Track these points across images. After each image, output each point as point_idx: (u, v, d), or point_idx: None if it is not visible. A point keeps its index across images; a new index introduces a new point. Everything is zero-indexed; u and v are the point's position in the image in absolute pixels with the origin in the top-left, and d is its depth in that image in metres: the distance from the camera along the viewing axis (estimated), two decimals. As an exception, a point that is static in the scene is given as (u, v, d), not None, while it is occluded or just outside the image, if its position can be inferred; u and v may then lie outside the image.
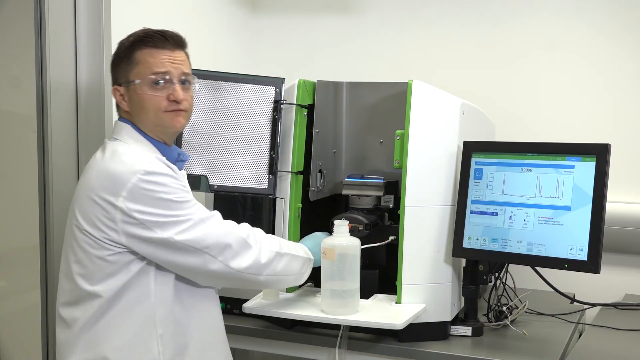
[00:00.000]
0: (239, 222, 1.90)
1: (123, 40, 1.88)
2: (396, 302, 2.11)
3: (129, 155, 1.77)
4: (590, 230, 1.96)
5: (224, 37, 3.04)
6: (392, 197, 2.26)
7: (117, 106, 1.91)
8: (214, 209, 2.06)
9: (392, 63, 3.03)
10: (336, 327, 2.13)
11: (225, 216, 1.87)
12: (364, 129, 2.40)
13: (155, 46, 1.83)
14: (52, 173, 2.29)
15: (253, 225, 1.93)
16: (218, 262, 1.79)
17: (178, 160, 1.91)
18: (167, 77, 1.82)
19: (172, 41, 1.85)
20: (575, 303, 2.46)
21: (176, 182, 1.78)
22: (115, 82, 1.88)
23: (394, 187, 2.28)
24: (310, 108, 2.27)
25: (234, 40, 3.12)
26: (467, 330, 2.16)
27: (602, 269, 1.97)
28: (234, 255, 1.82)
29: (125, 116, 1.89)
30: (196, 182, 2.21)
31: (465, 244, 2.12)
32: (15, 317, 2.47)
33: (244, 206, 2.36)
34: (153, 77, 1.81)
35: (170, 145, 1.91)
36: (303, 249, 2.05)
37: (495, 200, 2.11)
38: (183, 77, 1.86)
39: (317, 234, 2.18)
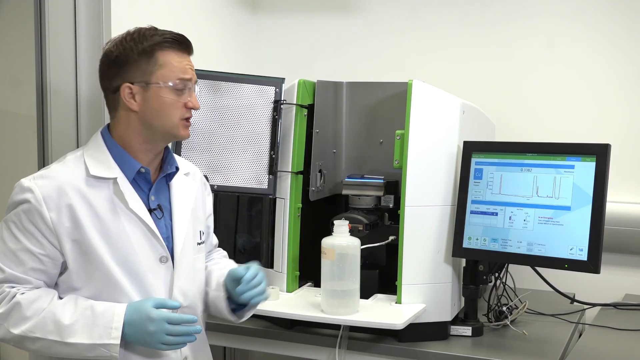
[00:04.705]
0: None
1: (135, 36, 1.73)
2: (396, 302, 2.11)
3: (47, 169, 1.74)
4: (590, 230, 1.96)
5: (224, 37, 3.04)
6: (392, 197, 2.27)
7: (112, 107, 1.77)
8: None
9: (392, 63, 3.03)
10: (336, 327, 2.12)
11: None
12: (364, 129, 2.40)
13: (180, 50, 1.76)
14: (52, 173, 2.29)
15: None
16: None
17: (140, 176, 1.77)
18: (189, 84, 1.76)
19: (190, 47, 1.79)
20: (575, 303, 2.46)
21: (23, 214, 1.66)
22: (127, 79, 1.72)
23: (394, 187, 2.28)
24: (310, 108, 2.27)
25: (234, 40, 3.12)
26: (467, 330, 2.16)
27: (602, 269, 1.97)
28: None
29: (122, 117, 1.75)
30: (196, 182, 2.20)
31: (465, 244, 2.12)
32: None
33: (244, 206, 2.35)
34: (178, 82, 1.73)
35: (160, 152, 1.80)
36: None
37: (495, 200, 2.11)
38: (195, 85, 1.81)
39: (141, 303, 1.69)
